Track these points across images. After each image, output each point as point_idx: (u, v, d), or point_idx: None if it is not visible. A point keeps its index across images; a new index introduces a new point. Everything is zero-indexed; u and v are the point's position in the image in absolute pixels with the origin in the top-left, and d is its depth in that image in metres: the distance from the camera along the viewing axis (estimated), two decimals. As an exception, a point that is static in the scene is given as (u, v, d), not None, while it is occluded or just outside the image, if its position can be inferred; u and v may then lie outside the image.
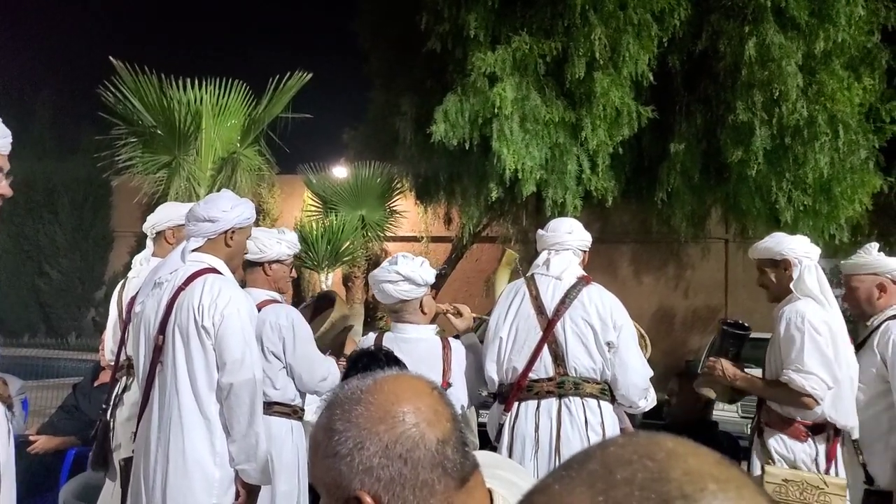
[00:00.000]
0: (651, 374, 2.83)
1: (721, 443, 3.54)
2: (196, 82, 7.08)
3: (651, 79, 7.79)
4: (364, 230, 9.90)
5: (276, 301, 2.94)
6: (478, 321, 3.14)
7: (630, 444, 0.52)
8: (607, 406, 2.75)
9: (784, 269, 2.90)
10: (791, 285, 2.87)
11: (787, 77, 7.34)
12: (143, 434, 2.35)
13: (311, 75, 7.32)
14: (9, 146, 1.88)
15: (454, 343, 2.86)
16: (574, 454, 0.55)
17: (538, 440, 2.68)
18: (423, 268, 2.83)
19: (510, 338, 2.80)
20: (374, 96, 10.39)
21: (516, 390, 2.76)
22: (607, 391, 2.77)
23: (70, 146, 14.37)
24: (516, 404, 2.76)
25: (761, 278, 3.00)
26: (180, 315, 2.30)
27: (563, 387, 2.71)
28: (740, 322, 3.14)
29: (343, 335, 3.21)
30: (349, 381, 0.88)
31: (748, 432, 5.64)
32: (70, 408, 3.87)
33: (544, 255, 2.92)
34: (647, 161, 8.68)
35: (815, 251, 2.94)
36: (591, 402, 2.71)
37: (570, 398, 2.70)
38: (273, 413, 2.77)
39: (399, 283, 2.79)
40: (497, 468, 1.00)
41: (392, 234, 10.65)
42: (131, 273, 3.18)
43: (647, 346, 2.99)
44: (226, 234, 2.43)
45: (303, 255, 8.70)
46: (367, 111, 10.67)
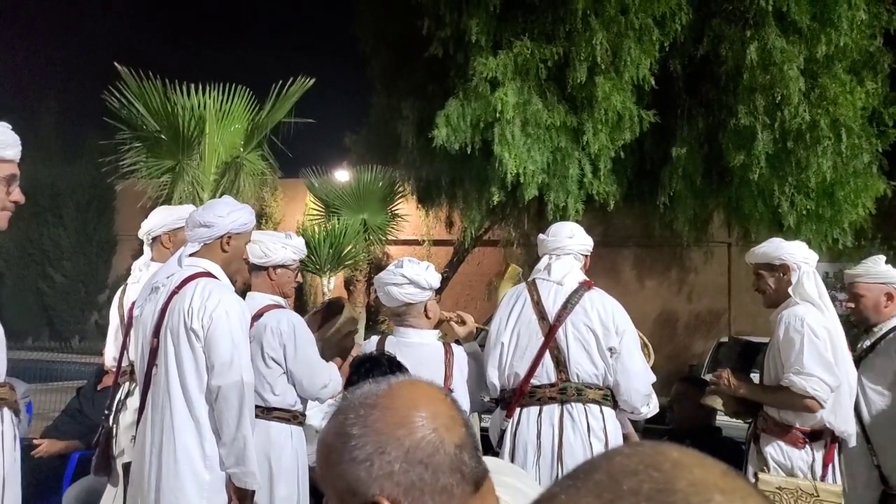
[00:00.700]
0: (653, 379, 2.82)
1: (725, 448, 3.53)
2: (200, 87, 7.12)
3: (653, 83, 7.80)
4: (366, 234, 9.92)
5: (279, 306, 2.94)
6: (479, 331, 3.13)
7: (636, 455, 0.53)
8: (610, 412, 2.74)
9: (782, 274, 2.91)
10: (790, 290, 2.87)
11: (789, 81, 7.34)
12: (140, 437, 2.37)
13: (313, 80, 7.35)
14: (19, 154, 1.90)
15: (456, 349, 2.85)
16: (580, 464, 0.55)
17: (540, 446, 2.68)
18: (428, 272, 2.83)
19: (512, 343, 2.80)
20: (375, 101, 10.41)
21: (518, 396, 2.75)
22: (610, 397, 2.75)
23: (75, 150, 14.41)
24: (518, 410, 2.75)
25: (758, 283, 3.01)
26: (172, 318, 2.32)
27: (565, 393, 2.70)
28: (752, 342, 3.17)
29: (349, 339, 3.20)
30: (360, 387, 0.87)
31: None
32: (74, 412, 3.87)
33: (545, 260, 2.91)
34: (649, 165, 8.68)
35: (813, 257, 2.95)
36: (594, 407, 2.70)
37: (573, 404, 2.69)
38: (273, 419, 2.77)
39: (404, 287, 2.78)
40: (502, 474, 1.00)
41: (394, 238, 10.65)
42: (131, 279, 3.18)
43: (651, 355, 2.99)
44: (222, 240, 2.44)
45: (305, 259, 8.69)
46: (369, 115, 10.70)
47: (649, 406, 2.81)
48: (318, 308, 3.54)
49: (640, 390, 2.75)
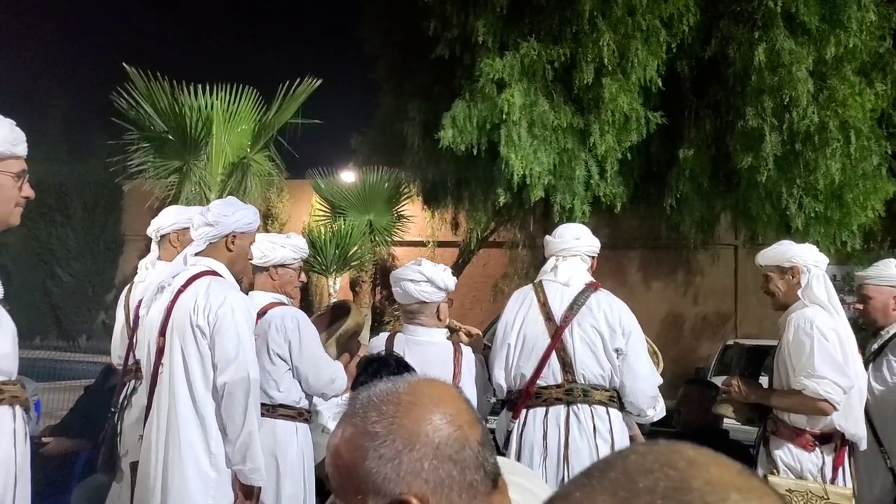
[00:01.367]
0: (660, 382, 2.81)
1: (732, 452, 3.51)
2: (207, 88, 7.16)
3: (660, 84, 7.78)
4: (372, 235, 9.93)
5: (282, 303, 2.94)
6: (484, 346, 3.12)
7: (651, 453, 0.52)
8: (616, 413, 2.73)
9: (792, 277, 2.89)
10: (799, 293, 2.86)
11: (797, 83, 7.30)
12: (147, 436, 2.37)
13: (320, 82, 7.38)
14: (25, 149, 1.91)
15: (465, 349, 2.85)
16: (595, 462, 0.55)
17: (546, 447, 2.67)
18: (445, 273, 2.86)
19: (518, 344, 2.80)
20: (382, 102, 10.43)
21: (524, 397, 2.75)
22: (616, 398, 2.74)
23: (83, 151, 14.48)
24: (524, 411, 2.74)
25: (767, 285, 2.99)
26: (178, 316, 2.33)
27: (571, 394, 2.70)
28: (758, 346, 3.16)
29: (354, 341, 3.21)
30: (371, 387, 0.87)
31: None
32: (82, 410, 3.89)
33: (552, 262, 2.91)
34: (655, 167, 8.66)
35: (823, 260, 2.94)
36: (600, 409, 2.69)
37: (579, 405, 2.69)
38: (278, 416, 2.77)
39: (421, 284, 2.79)
40: (512, 474, 1.00)
41: (399, 239, 10.67)
42: (137, 277, 3.19)
43: (660, 362, 2.98)
44: (226, 239, 2.45)
45: (311, 259, 8.73)
46: (375, 117, 10.72)
47: (655, 409, 2.79)
48: (324, 310, 3.54)
49: (647, 392, 2.74)
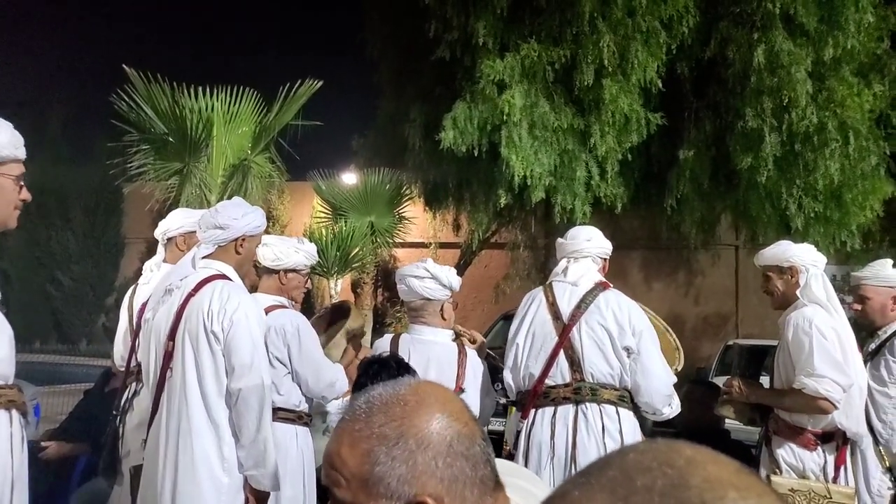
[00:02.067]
0: (674, 380, 2.78)
1: (733, 452, 3.50)
2: (208, 90, 7.16)
3: (660, 85, 7.80)
4: (373, 236, 9.93)
5: (283, 307, 2.94)
6: (486, 354, 3.12)
7: (649, 451, 0.53)
8: (626, 413, 2.71)
9: (791, 277, 2.90)
10: (798, 292, 2.86)
11: (796, 84, 7.32)
12: (153, 440, 2.36)
13: (320, 83, 7.38)
14: (24, 152, 1.91)
15: (470, 351, 2.86)
16: (593, 461, 0.55)
17: (554, 447, 2.66)
18: (450, 272, 2.88)
19: (526, 344, 2.80)
20: (383, 103, 10.44)
21: (533, 396, 2.74)
22: (626, 398, 2.73)
23: (83, 153, 14.49)
24: (533, 411, 2.74)
25: (766, 285, 3.01)
26: (190, 321, 2.31)
27: (579, 393, 2.69)
28: (757, 346, 3.15)
29: (356, 342, 3.21)
30: (370, 391, 0.86)
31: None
32: (81, 414, 3.89)
33: (563, 263, 2.91)
34: (656, 167, 8.67)
35: (821, 259, 2.95)
36: (609, 408, 2.68)
37: (587, 404, 2.67)
38: (277, 419, 2.77)
39: (425, 280, 2.81)
40: (512, 476, 1.00)
41: (401, 241, 10.67)
42: (142, 279, 3.20)
43: (680, 358, 2.97)
44: (236, 242, 2.45)
45: (312, 261, 8.72)
46: (377, 118, 10.73)
47: (671, 407, 2.77)
48: (323, 312, 3.55)
49: (661, 391, 2.73)
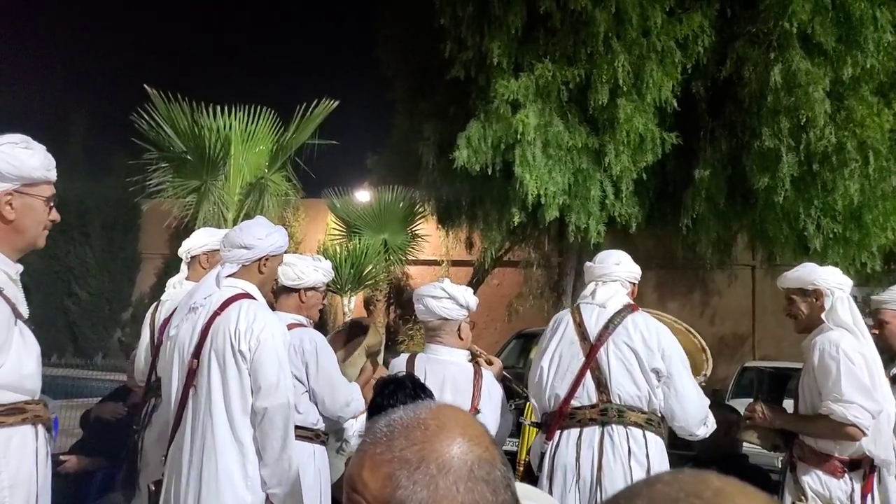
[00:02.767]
0: (707, 401, 2.75)
1: (751, 476, 3.45)
2: (226, 110, 7.26)
3: (675, 105, 7.80)
4: (386, 254, 9.96)
5: (302, 325, 2.96)
6: (502, 376, 3.11)
7: (677, 482, 0.53)
8: (653, 437, 2.66)
9: (815, 300, 2.85)
10: (823, 316, 2.81)
11: (814, 103, 7.29)
12: (174, 457, 2.36)
13: (337, 103, 7.46)
14: (55, 174, 1.95)
15: (486, 372, 2.84)
16: (620, 490, 0.55)
17: (579, 470, 2.62)
18: (467, 292, 2.88)
19: (553, 365, 2.78)
20: (397, 122, 10.53)
21: (558, 417, 2.71)
22: (653, 421, 2.68)
23: (103, 170, 14.73)
24: (558, 432, 2.70)
25: (790, 308, 2.95)
26: (216, 340, 2.33)
27: (606, 414, 2.65)
28: (779, 369, 3.10)
29: (373, 361, 3.22)
30: (391, 414, 0.86)
31: (779, 465, 5.52)
32: (98, 428, 3.91)
33: (591, 286, 2.89)
34: (671, 187, 8.64)
35: (847, 282, 2.89)
36: (636, 431, 2.63)
37: (614, 426, 2.63)
38: (296, 437, 2.77)
39: (442, 300, 2.80)
40: (531, 500, 1.00)
41: (414, 258, 10.69)
42: (164, 296, 3.23)
43: (708, 361, 2.94)
44: (260, 262, 2.47)
45: (326, 278, 8.75)
46: (391, 137, 10.82)
47: (707, 426, 2.73)
48: (341, 328, 3.56)
49: (695, 415, 2.69)
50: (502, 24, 7.97)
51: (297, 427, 2.76)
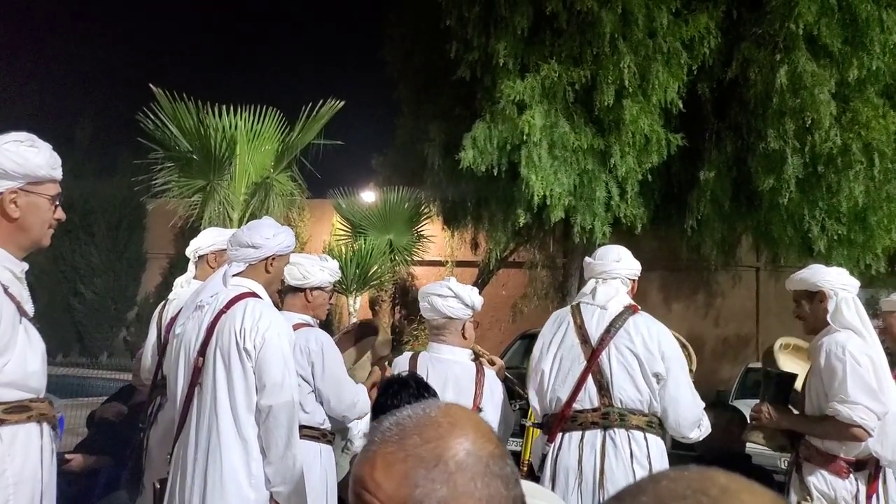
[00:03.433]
0: (703, 405, 2.74)
1: (754, 477, 3.43)
2: (232, 109, 7.27)
3: (680, 106, 7.79)
4: (391, 254, 9.96)
5: (308, 325, 2.97)
6: (504, 376, 3.11)
7: (682, 479, 0.53)
8: (654, 439, 2.66)
9: (820, 301, 2.84)
10: (828, 318, 2.80)
11: (819, 105, 7.27)
12: (179, 455, 2.37)
13: (342, 103, 7.47)
14: (60, 173, 1.96)
15: (488, 371, 2.85)
16: (626, 487, 0.55)
17: (582, 472, 2.62)
18: (472, 291, 2.88)
19: (554, 367, 2.76)
20: (402, 123, 10.53)
21: (560, 420, 2.70)
22: (654, 423, 2.68)
23: (108, 169, 14.80)
24: (560, 435, 2.69)
25: (797, 310, 2.94)
26: (222, 338, 2.34)
27: (608, 418, 2.64)
28: (786, 371, 3.08)
29: (382, 364, 3.23)
30: (399, 413, 0.86)
31: (782, 466, 5.51)
32: (103, 426, 3.92)
33: (591, 284, 2.87)
34: (676, 188, 8.63)
35: (853, 284, 2.88)
36: (637, 434, 2.63)
37: (615, 430, 2.63)
38: (302, 436, 2.76)
39: (448, 299, 2.81)
40: (534, 497, 1.00)
41: (419, 259, 10.69)
42: (171, 295, 3.24)
43: (692, 357, 2.92)
44: (266, 261, 2.48)
45: (331, 278, 8.76)
46: (396, 137, 10.82)
47: (700, 430, 2.73)
48: (350, 328, 3.56)
49: (689, 418, 2.69)
50: (508, 24, 7.98)
51: (303, 426, 2.77)
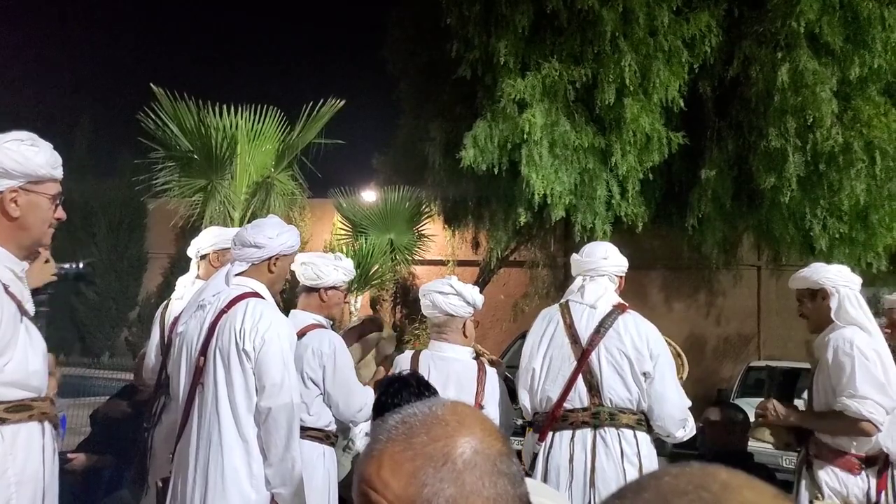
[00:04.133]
0: (688, 404, 2.76)
1: (757, 475, 3.44)
2: (232, 109, 7.26)
3: (682, 105, 7.79)
4: (392, 254, 9.95)
5: (322, 326, 2.96)
6: (504, 376, 3.11)
7: (684, 475, 0.53)
8: (644, 437, 2.68)
9: (822, 299, 2.84)
10: (832, 315, 2.80)
11: (821, 103, 7.27)
12: (181, 454, 2.37)
13: (343, 102, 7.46)
14: (61, 172, 1.96)
15: (489, 369, 2.85)
16: (628, 484, 0.55)
17: (573, 471, 2.63)
18: (474, 290, 2.89)
19: (544, 367, 2.77)
20: (403, 122, 10.54)
21: (550, 420, 2.71)
22: (644, 422, 2.70)
23: (109, 169, 14.81)
24: (550, 434, 2.71)
25: (801, 308, 2.95)
26: (222, 338, 2.33)
27: (598, 417, 2.66)
28: (790, 368, 3.08)
29: (386, 363, 3.23)
30: (403, 412, 0.85)
31: (784, 465, 5.51)
32: (106, 426, 3.93)
33: (579, 281, 2.87)
34: (677, 187, 8.63)
35: (855, 281, 2.88)
36: (627, 432, 2.65)
37: (606, 429, 2.65)
38: (305, 437, 2.76)
39: (449, 297, 2.81)
40: (538, 495, 1.00)
41: (420, 258, 10.69)
42: (174, 294, 3.24)
43: (684, 365, 2.93)
44: (270, 261, 2.47)
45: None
46: (397, 136, 10.82)
47: (685, 430, 2.75)
48: (355, 325, 3.57)
49: (675, 416, 2.70)
50: (509, 23, 7.97)
51: (308, 428, 2.77)
